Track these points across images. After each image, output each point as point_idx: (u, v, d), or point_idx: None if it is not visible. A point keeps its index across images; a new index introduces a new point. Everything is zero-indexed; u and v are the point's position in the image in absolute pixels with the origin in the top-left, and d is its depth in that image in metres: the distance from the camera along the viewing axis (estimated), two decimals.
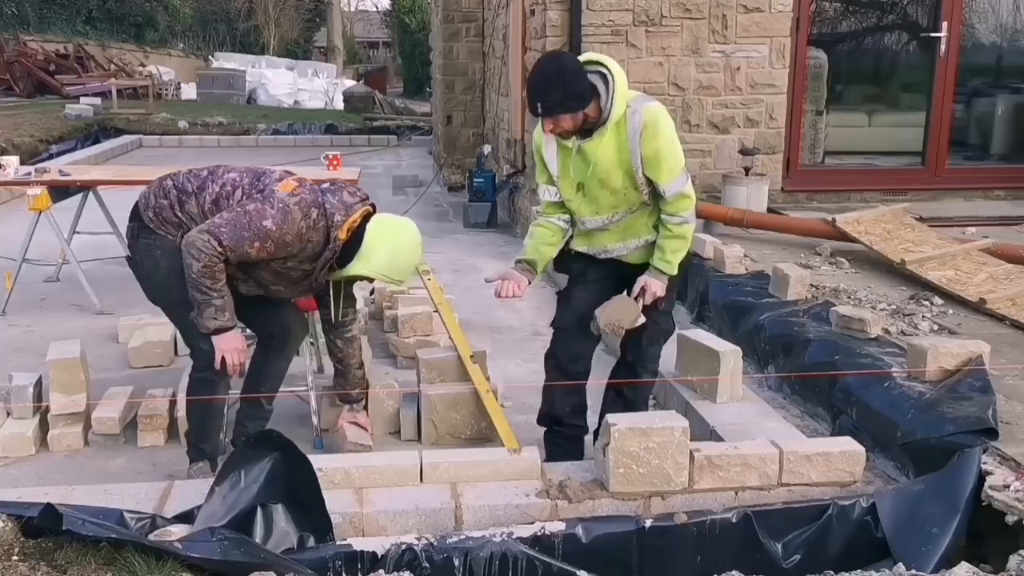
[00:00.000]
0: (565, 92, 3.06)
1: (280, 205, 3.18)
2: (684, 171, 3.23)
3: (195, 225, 3.24)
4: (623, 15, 6.89)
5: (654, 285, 3.26)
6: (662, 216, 3.25)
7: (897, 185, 7.53)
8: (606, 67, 3.15)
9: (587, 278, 3.46)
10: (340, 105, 22.13)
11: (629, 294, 3.33)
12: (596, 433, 3.50)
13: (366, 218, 3.36)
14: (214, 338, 3.27)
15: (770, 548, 2.78)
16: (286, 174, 3.46)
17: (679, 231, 3.25)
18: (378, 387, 3.99)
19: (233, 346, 3.29)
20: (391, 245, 3.33)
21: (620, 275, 3.41)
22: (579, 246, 3.44)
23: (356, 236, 3.31)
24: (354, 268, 3.35)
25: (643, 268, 3.34)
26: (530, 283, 3.42)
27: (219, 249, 3.12)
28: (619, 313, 3.28)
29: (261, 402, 3.67)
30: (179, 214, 3.31)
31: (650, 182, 3.19)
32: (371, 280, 3.66)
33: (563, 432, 3.57)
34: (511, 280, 3.38)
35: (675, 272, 3.32)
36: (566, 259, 3.49)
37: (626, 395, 3.53)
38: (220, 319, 3.23)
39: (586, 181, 3.22)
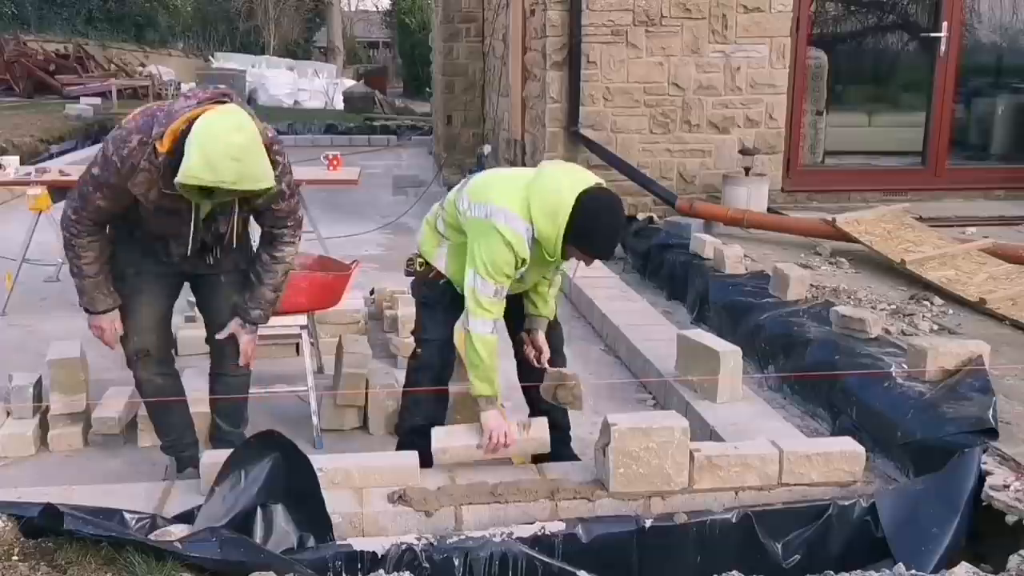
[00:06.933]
0: None
1: (103, 146, 3.03)
2: None
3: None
4: (623, 15, 6.90)
5: (541, 339, 3.45)
6: (548, 287, 3.46)
7: (897, 185, 7.53)
8: None
9: (457, 304, 3.32)
10: (340, 105, 22.14)
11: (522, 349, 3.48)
12: None
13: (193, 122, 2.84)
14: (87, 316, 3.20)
15: (770, 548, 2.79)
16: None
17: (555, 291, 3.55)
18: (378, 387, 3.99)
19: (99, 324, 3.19)
20: (201, 139, 2.77)
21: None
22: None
23: (182, 144, 2.82)
24: (177, 179, 2.79)
25: None
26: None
27: (72, 217, 3.08)
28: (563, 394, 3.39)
29: (218, 423, 3.49)
30: None
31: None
32: (212, 194, 2.93)
33: (424, 436, 3.32)
34: (501, 430, 3.18)
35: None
36: (435, 287, 3.38)
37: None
38: (85, 301, 3.15)
39: (530, 270, 3.22)
